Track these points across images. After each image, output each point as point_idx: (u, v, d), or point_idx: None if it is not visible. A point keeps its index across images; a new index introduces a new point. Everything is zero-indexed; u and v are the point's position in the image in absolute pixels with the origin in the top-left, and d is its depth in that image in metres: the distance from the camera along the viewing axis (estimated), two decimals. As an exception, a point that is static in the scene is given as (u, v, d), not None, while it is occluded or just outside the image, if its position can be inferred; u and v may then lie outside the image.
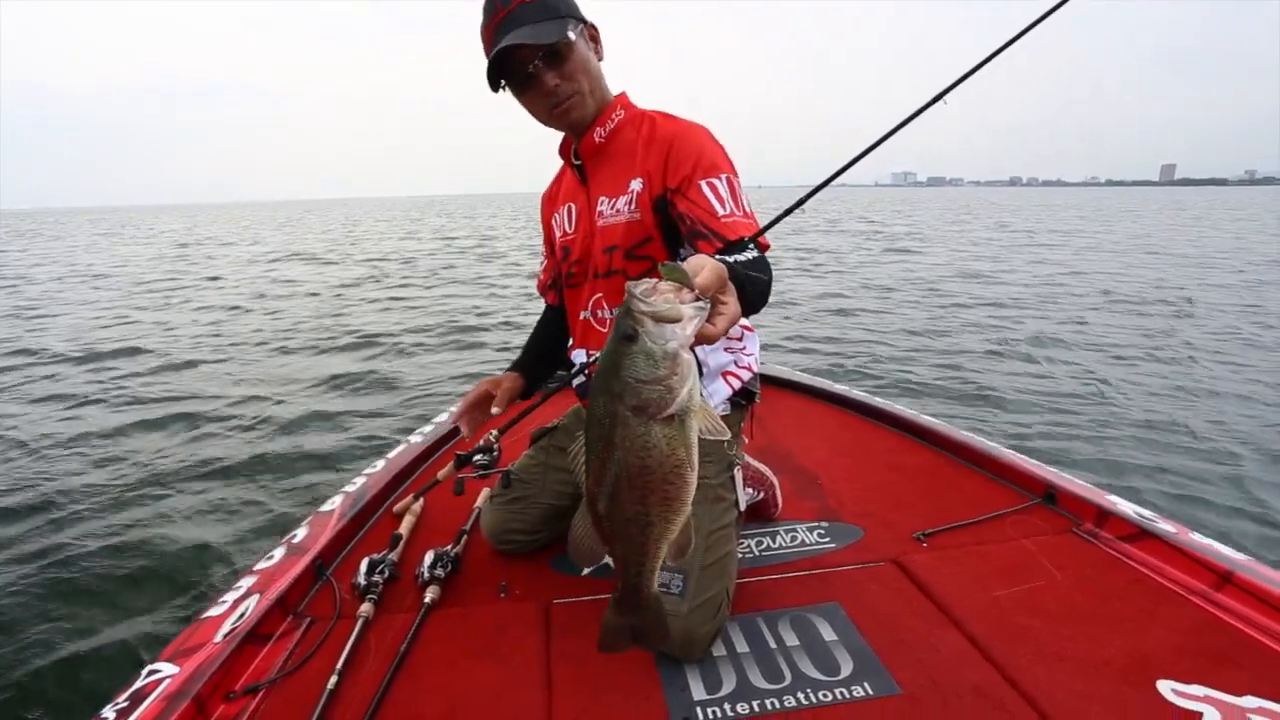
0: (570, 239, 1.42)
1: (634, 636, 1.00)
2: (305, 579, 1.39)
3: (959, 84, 1.29)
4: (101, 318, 8.24)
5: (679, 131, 1.29)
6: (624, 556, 0.90)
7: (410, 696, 1.10)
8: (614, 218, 1.32)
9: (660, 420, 0.77)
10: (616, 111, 1.34)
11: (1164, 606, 1.24)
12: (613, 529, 0.87)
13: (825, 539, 1.55)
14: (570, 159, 1.40)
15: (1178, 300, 8.13)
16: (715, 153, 1.26)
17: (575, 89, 1.27)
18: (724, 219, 1.19)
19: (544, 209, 1.55)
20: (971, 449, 1.88)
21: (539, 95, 1.26)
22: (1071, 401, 4.34)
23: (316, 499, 1.80)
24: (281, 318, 7.96)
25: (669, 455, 0.78)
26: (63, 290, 10.89)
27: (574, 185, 1.42)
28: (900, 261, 12.87)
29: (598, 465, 0.83)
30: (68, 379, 5.35)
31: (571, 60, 1.24)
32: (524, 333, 1.51)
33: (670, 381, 0.74)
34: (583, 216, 1.39)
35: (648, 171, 1.28)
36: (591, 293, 1.40)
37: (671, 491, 0.82)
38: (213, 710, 1.06)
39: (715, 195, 1.21)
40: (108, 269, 14.39)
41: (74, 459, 3.58)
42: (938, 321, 7.00)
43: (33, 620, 2.19)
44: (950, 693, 1.06)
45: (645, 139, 1.31)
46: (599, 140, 1.34)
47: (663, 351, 0.74)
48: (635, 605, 0.95)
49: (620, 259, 1.32)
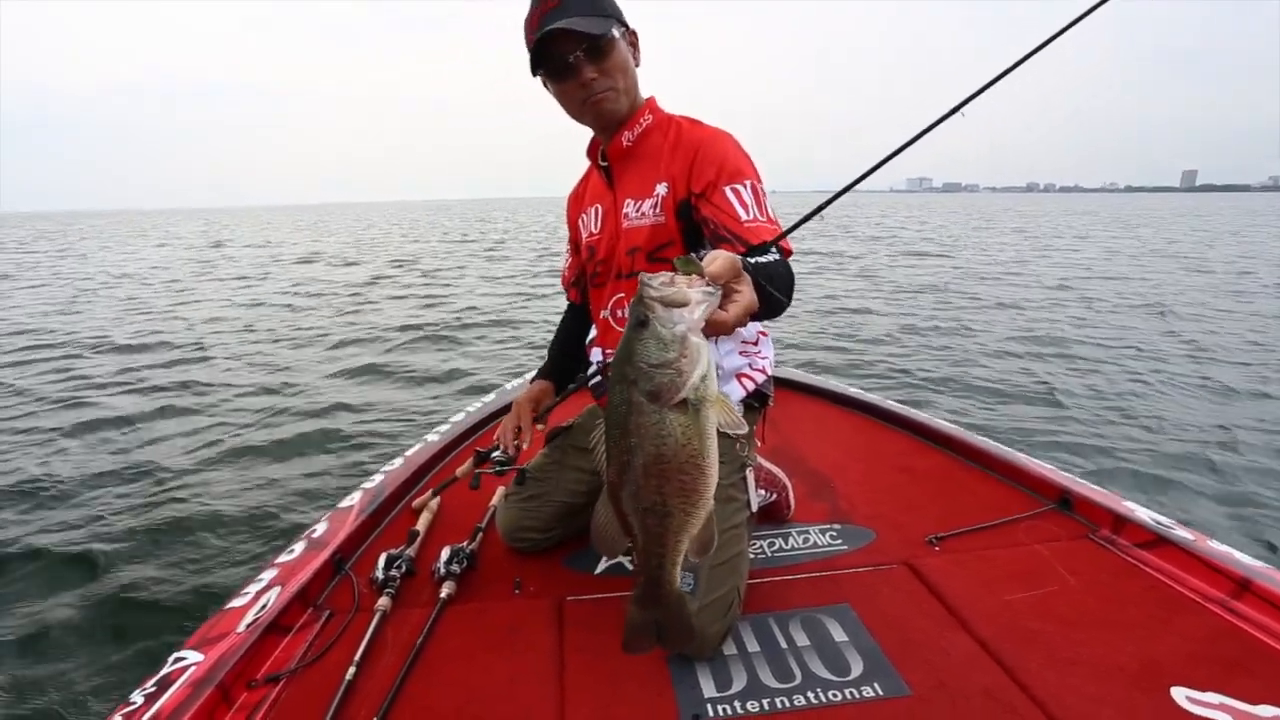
0: (596, 239, 1.45)
1: (658, 635, 1.00)
2: (325, 573, 1.42)
3: (982, 92, 1.28)
4: (176, 313, 8.48)
5: (705, 137, 1.31)
6: (644, 547, 0.90)
7: (425, 689, 1.12)
8: (639, 220, 1.35)
9: (675, 408, 0.78)
10: (645, 116, 1.36)
11: (1180, 613, 1.23)
12: (633, 518, 0.88)
13: (837, 541, 1.55)
14: (598, 160, 1.43)
15: (1183, 305, 8.00)
16: (740, 159, 1.29)
17: (611, 85, 1.29)
18: (747, 224, 1.21)
19: (570, 208, 1.59)
20: (985, 453, 1.87)
21: (575, 86, 1.29)
22: (1088, 406, 4.29)
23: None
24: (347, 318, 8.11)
25: (684, 444, 0.80)
26: (141, 291, 10.97)
27: (601, 187, 1.45)
28: (913, 266, 12.77)
29: (616, 453, 0.84)
30: (137, 370, 5.51)
31: (612, 57, 1.27)
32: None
33: (680, 364, 0.76)
34: (609, 218, 1.42)
35: (673, 176, 1.31)
36: (613, 292, 1.43)
37: (688, 482, 0.83)
38: (236, 697, 1.09)
39: (739, 201, 1.23)
40: (157, 268, 14.69)
41: (108, 448, 3.68)
42: (957, 324, 6.95)
43: (62, 608, 2.26)
44: (960, 695, 1.06)
45: (672, 144, 1.34)
46: (627, 144, 1.36)
47: (672, 334, 0.76)
48: (656, 599, 0.95)
49: (642, 260, 1.35)
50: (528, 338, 6.78)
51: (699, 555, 0.92)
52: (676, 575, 0.93)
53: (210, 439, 3.89)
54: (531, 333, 6.98)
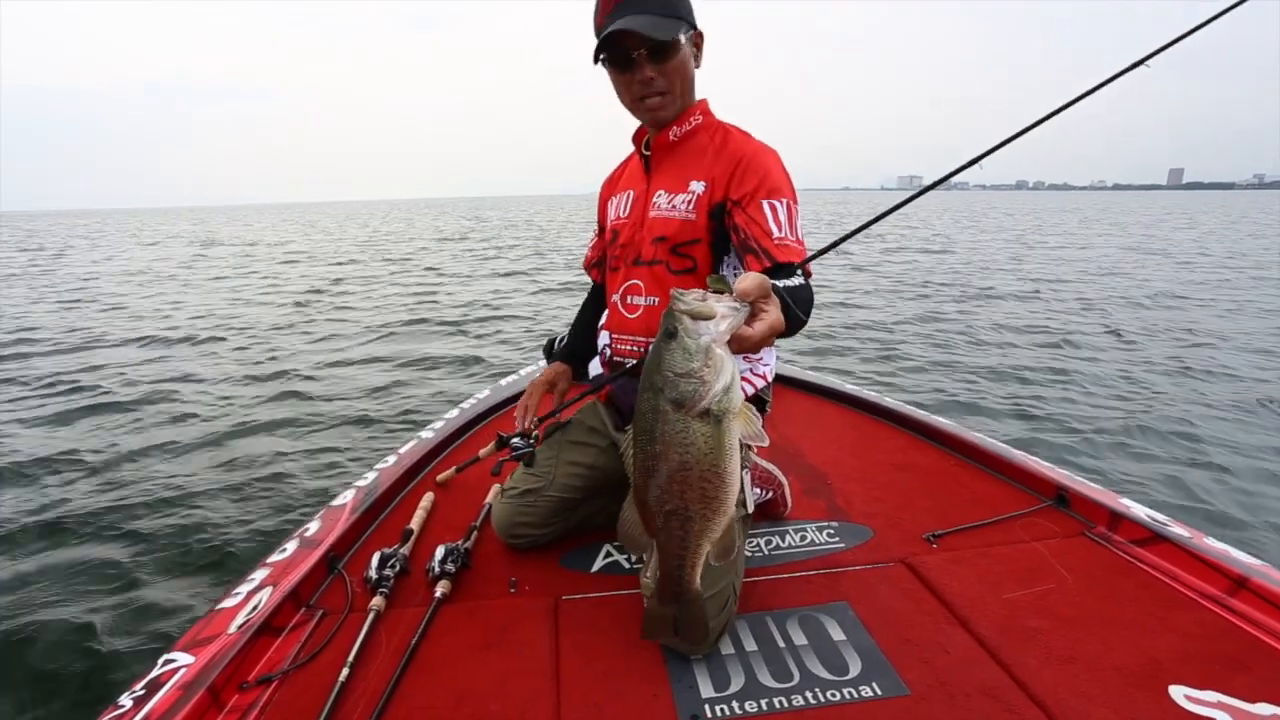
0: (621, 223, 1.47)
1: (675, 629, 1.08)
2: (318, 572, 1.40)
3: (1001, 147, 1.34)
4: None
5: (753, 150, 1.34)
6: (665, 547, 0.96)
7: (420, 689, 1.11)
8: (668, 212, 1.37)
9: (698, 417, 0.83)
10: (695, 116, 1.39)
11: (1177, 611, 1.23)
12: (656, 520, 0.93)
13: (834, 539, 1.55)
14: (641, 148, 1.46)
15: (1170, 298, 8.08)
16: (781, 178, 1.32)
17: (666, 88, 1.32)
18: (777, 240, 1.24)
19: (603, 190, 1.62)
20: (982, 450, 1.87)
21: (633, 81, 1.31)
22: (1085, 403, 4.31)
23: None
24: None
25: (707, 453, 0.84)
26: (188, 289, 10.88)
27: (638, 173, 1.47)
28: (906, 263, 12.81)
29: (642, 459, 0.89)
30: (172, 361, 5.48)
31: (673, 61, 1.30)
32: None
33: (704, 374, 0.81)
34: (637, 204, 1.45)
35: (713, 177, 1.33)
36: (626, 278, 1.45)
37: (710, 490, 0.87)
38: (227, 700, 1.07)
39: (774, 216, 1.26)
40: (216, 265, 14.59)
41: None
42: (953, 318, 6.97)
43: (51, 609, 2.23)
44: (958, 693, 1.06)
45: (717, 147, 1.37)
46: (673, 138, 1.39)
47: (697, 345, 0.80)
48: (675, 595, 1.01)
49: (665, 251, 1.37)
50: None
51: (720, 559, 0.97)
52: (696, 576, 0.99)
53: (198, 436, 3.86)
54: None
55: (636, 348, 1.43)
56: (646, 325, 1.40)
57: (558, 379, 1.61)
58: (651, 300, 1.40)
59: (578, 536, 1.55)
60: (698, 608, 1.05)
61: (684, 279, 1.36)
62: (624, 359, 1.45)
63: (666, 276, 1.37)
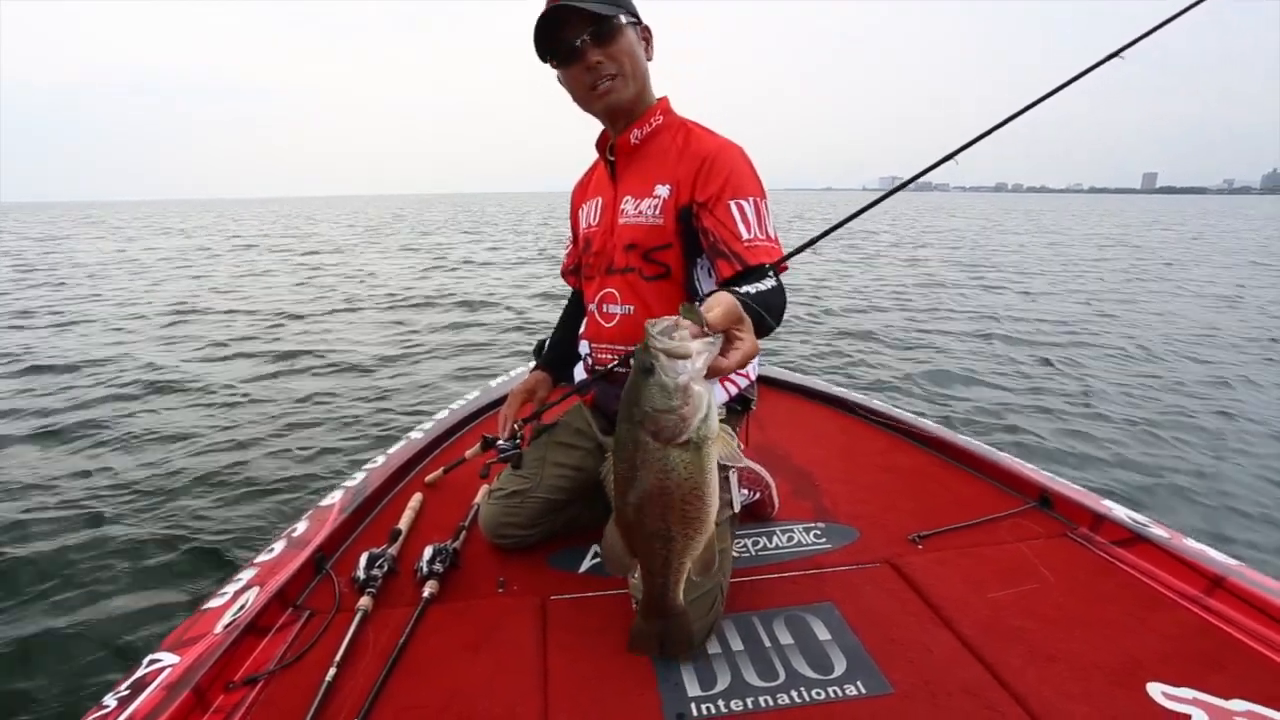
0: (592, 231, 1.46)
1: (660, 643, 1.11)
2: (305, 572, 1.40)
3: (979, 140, 1.33)
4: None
5: (715, 148, 1.31)
6: (649, 567, 0.98)
7: (408, 690, 1.11)
8: (636, 219, 1.35)
9: (677, 445, 0.85)
10: (656, 116, 1.36)
11: (1156, 610, 1.25)
12: (639, 543, 0.96)
13: (821, 539, 1.56)
14: (605, 154, 1.43)
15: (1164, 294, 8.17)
16: (746, 175, 1.29)
17: (616, 70, 1.28)
18: (747, 242, 1.22)
19: (574, 197, 1.59)
20: (967, 452, 1.89)
21: (581, 70, 1.28)
22: (1064, 403, 4.35)
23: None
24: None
25: (686, 478, 0.86)
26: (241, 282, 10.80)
27: (604, 180, 1.45)
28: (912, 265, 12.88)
29: (623, 485, 0.91)
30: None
31: (619, 43, 1.27)
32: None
33: (683, 411, 0.82)
34: (606, 211, 1.42)
35: (678, 180, 1.31)
36: (601, 286, 1.43)
37: (691, 511, 0.90)
38: (212, 700, 1.07)
39: (742, 217, 1.24)
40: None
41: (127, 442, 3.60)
42: (928, 324, 7.02)
43: (35, 610, 2.20)
44: (941, 692, 1.07)
45: (680, 148, 1.34)
46: (635, 141, 1.37)
47: (675, 384, 0.81)
48: (660, 612, 1.04)
49: (638, 258, 1.35)
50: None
51: (701, 574, 0.99)
52: (680, 593, 1.02)
53: (185, 434, 3.83)
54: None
55: (615, 356, 1.42)
56: (624, 333, 1.39)
57: (538, 387, 1.59)
58: (627, 309, 1.38)
59: (565, 537, 1.55)
60: (683, 623, 1.08)
61: (658, 285, 1.34)
62: (604, 367, 1.44)
63: (640, 284, 1.36)
